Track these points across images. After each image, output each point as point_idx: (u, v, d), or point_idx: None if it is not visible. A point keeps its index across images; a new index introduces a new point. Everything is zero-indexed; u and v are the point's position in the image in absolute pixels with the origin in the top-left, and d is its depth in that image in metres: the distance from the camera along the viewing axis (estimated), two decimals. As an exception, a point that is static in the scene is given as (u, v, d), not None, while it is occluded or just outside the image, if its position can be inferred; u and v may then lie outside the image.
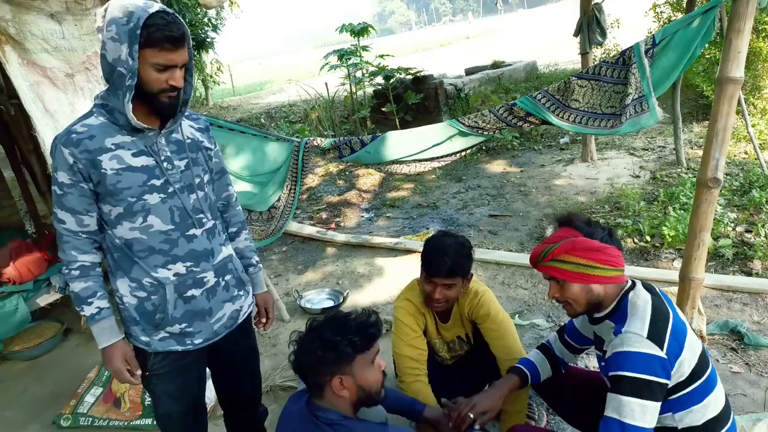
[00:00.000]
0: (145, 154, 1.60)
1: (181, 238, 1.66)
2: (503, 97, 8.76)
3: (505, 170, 6.49)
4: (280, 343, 3.42)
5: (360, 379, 1.55)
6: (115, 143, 1.57)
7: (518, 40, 21.80)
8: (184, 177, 1.68)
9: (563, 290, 1.67)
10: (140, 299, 1.67)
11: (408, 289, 2.35)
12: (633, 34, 6.96)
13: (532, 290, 3.62)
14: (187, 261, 1.67)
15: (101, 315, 1.64)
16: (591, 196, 5.14)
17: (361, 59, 8.75)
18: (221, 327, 1.80)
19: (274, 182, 3.01)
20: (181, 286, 1.67)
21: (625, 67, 2.31)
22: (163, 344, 1.72)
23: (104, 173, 1.55)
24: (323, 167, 7.71)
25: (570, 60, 12.04)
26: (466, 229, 4.93)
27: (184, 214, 1.67)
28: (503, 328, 2.22)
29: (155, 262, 1.64)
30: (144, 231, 1.62)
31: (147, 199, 1.60)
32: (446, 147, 2.70)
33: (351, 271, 4.35)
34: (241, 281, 1.87)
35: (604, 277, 1.62)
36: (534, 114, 2.49)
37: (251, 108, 12.85)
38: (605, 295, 1.66)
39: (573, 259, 1.62)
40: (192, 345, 1.75)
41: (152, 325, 1.69)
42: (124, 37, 1.44)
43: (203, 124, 1.83)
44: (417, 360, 2.18)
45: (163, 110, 1.59)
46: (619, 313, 1.63)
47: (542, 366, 2.03)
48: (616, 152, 6.35)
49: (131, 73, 1.47)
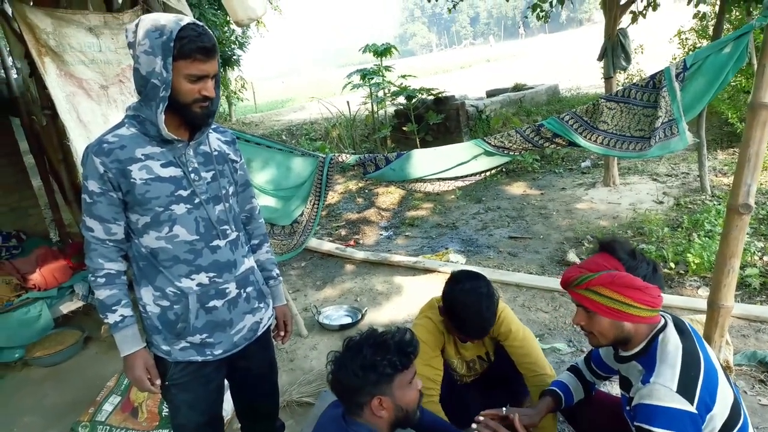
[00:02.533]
0: (173, 165, 1.63)
1: (205, 248, 1.67)
2: (524, 120, 8.77)
3: (525, 192, 6.46)
4: (297, 358, 3.41)
5: (399, 399, 1.54)
6: (145, 154, 1.59)
7: (539, 64, 21.86)
8: (211, 188, 1.69)
9: (591, 321, 1.60)
10: (163, 308, 1.68)
11: (427, 308, 2.33)
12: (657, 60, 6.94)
13: (553, 314, 3.57)
14: (210, 271, 1.68)
15: (125, 323, 1.65)
16: (613, 221, 5.08)
17: (384, 79, 8.84)
18: (241, 339, 1.80)
19: (298, 197, 3.02)
20: (204, 297, 1.68)
21: (655, 91, 2.30)
22: (183, 354, 1.72)
23: (133, 183, 1.57)
24: (343, 184, 7.75)
25: (592, 84, 12.02)
26: (485, 250, 4.90)
27: (209, 224, 1.68)
28: (527, 345, 2.21)
29: (179, 271, 1.65)
30: (169, 240, 1.63)
31: (174, 209, 1.62)
32: (471, 166, 2.69)
33: (369, 288, 4.34)
34: (262, 293, 1.88)
35: (638, 316, 1.53)
36: (561, 135, 2.48)
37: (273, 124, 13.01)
38: (635, 333, 1.58)
39: (609, 293, 1.53)
40: (212, 356, 1.75)
41: (174, 335, 1.69)
42: (158, 50, 1.47)
43: (230, 137, 1.85)
44: (432, 380, 2.16)
45: (195, 120, 1.62)
46: (648, 356, 1.56)
47: (575, 388, 2.00)
48: (639, 177, 6.29)
49: (165, 85, 1.50)
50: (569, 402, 1.99)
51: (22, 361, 3.69)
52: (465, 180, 2.86)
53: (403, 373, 1.55)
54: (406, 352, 1.56)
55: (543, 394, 2.03)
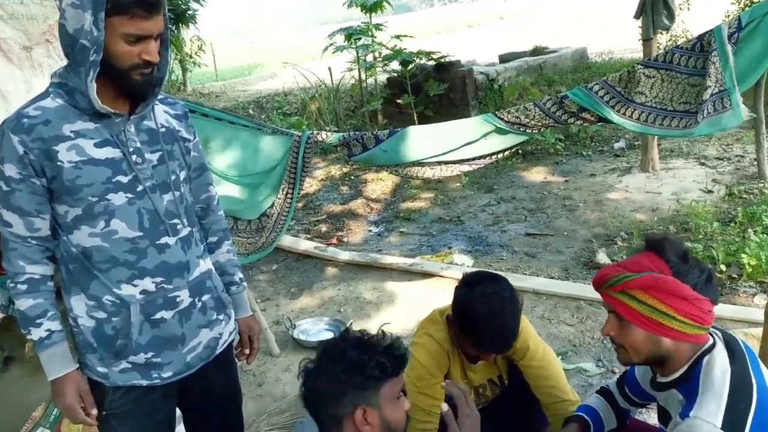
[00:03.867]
0: (110, 145, 1.61)
1: (150, 247, 1.66)
2: (545, 90, 8.79)
3: (546, 179, 6.49)
4: (267, 382, 3.41)
5: (386, 414, 1.54)
6: (74, 131, 1.57)
7: (564, 22, 21.89)
8: (157, 173, 1.68)
9: (623, 332, 1.60)
10: (99, 321, 1.66)
11: (428, 322, 2.34)
12: (706, 19, 6.97)
13: (578, 327, 3.59)
14: (157, 276, 1.67)
15: (52, 339, 1.63)
16: (652, 214, 5.12)
17: (374, 40, 8.82)
18: (195, 358, 1.79)
19: (268, 185, 3.02)
20: (149, 307, 1.66)
21: (703, 55, 2.31)
22: (124, 377, 1.70)
23: (60, 166, 1.54)
24: (324, 169, 7.75)
25: (628, 48, 12.05)
26: (497, 249, 4.92)
27: (155, 218, 1.67)
28: (547, 365, 2.22)
29: (118, 276, 1.63)
30: (106, 238, 1.61)
31: (111, 199, 1.60)
32: (480, 147, 2.70)
33: (356, 296, 4.35)
34: (222, 303, 1.87)
35: (680, 332, 1.52)
36: (589, 109, 2.49)
37: (237, 95, 12.97)
38: (675, 353, 1.57)
39: (649, 300, 1.52)
40: (159, 379, 1.73)
41: (112, 354, 1.68)
42: (87, 3, 1.45)
43: (180, 110, 1.84)
44: (428, 412, 2.16)
45: (134, 90, 1.60)
46: (690, 383, 1.56)
47: (606, 415, 2.02)
48: (684, 161, 6.33)
49: (96, 47, 1.47)
50: (599, 431, 2.01)
51: None
52: (472, 164, 2.86)
53: (392, 381, 1.55)
54: (397, 356, 1.57)
55: (567, 421, 2.04)
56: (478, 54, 12.70)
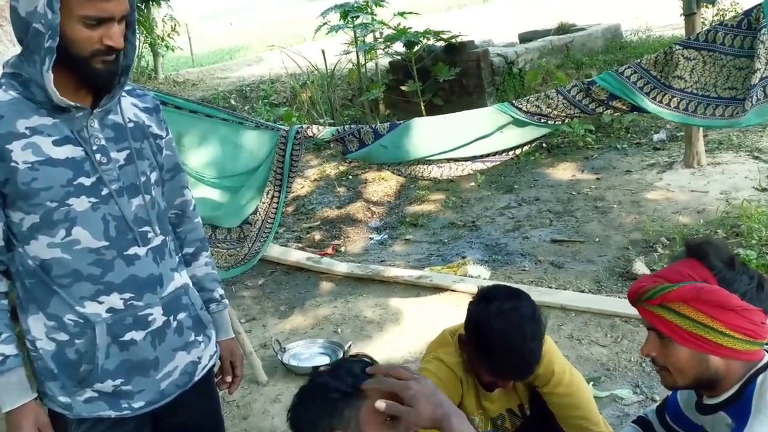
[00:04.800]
0: (71, 143, 1.62)
1: (117, 258, 1.67)
2: (573, 75, 8.80)
3: (574, 177, 6.50)
4: (253, 415, 3.43)
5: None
6: (30, 127, 1.58)
7: (594, -4, 21.92)
8: (124, 175, 1.69)
9: (665, 351, 1.60)
10: (60, 344, 1.66)
11: (438, 345, 2.35)
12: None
13: (613, 348, 3.60)
14: (125, 291, 1.67)
15: (6, 365, 1.63)
16: (697, 216, 5.12)
17: (374, 18, 8.84)
18: (171, 385, 1.80)
19: (250, 187, 3.03)
20: (117, 327, 1.67)
21: (751, 33, 2.31)
22: (89, 408, 1.71)
23: (14, 168, 1.55)
24: (317, 168, 7.77)
25: (668, 24, 12.05)
26: (518, 259, 4.93)
27: (122, 225, 1.67)
28: (575, 392, 2.23)
29: (82, 292, 1.64)
30: (67, 248, 1.62)
31: (72, 204, 1.61)
32: (495, 141, 2.71)
33: (355, 315, 4.36)
34: (200, 322, 1.88)
35: (730, 349, 1.52)
36: (621, 96, 2.49)
37: (217, 84, 12.99)
38: (726, 373, 1.57)
39: (692, 313, 1.52)
40: (130, 410, 1.74)
41: (75, 381, 1.68)
42: None
43: (151, 103, 1.86)
44: None
45: (97, 80, 1.61)
46: (741, 404, 1.56)
47: None
48: (734, 155, 6.33)
49: (51, 31, 1.48)
50: None
51: None
52: (487, 161, 2.87)
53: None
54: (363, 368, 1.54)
55: None
56: (495, 33, 12.71)
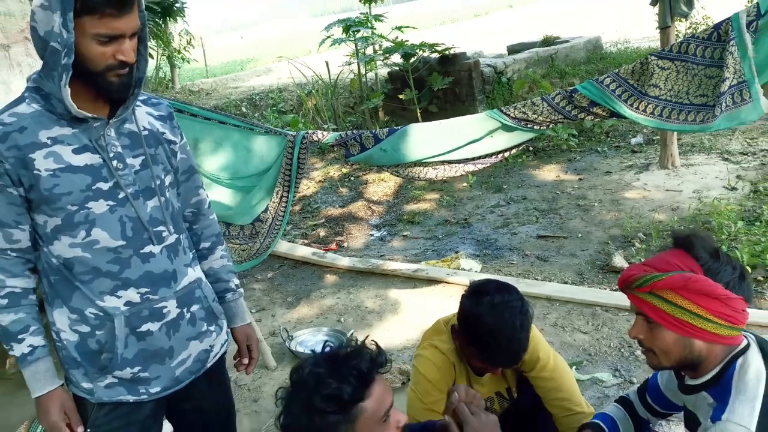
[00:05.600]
0: (89, 151, 1.62)
1: (134, 256, 1.67)
2: (557, 83, 8.80)
3: (558, 178, 6.50)
4: (263, 397, 3.43)
5: None
6: (51, 137, 1.58)
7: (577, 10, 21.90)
8: (140, 179, 1.69)
9: (652, 335, 1.61)
10: (82, 335, 1.67)
11: (433, 333, 2.35)
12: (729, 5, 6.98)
13: (594, 335, 3.60)
14: (141, 286, 1.68)
15: (35, 355, 1.64)
16: (672, 214, 5.12)
17: (373, 31, 8.84)
18: (185, 372, 1.80)
19: (261, 187, 3.04)
20: (134, 319, 1.68)
21: (720, 45, 2.32)
22: (110, 393, 1.72)
23: (38, 175, 1.56)
24: (322, 170, 7.77)
25: (645, 36, 12.07)
26: (507, 253, 4.93)
27: (138, 226, 1.68)
28: (558, 376, 2.23)
29: (101, 287, 1.65)
30: (87, 248, 1.63)
31: (91, 207, 1.61)
32: (485, 145, 2.71)
33: (356, 305, 4.36)
34: (212, 313, 1.88)
35: (713, 334, 1.53)
36: (600, 103, 2.50)
37: (229, 93, 12.99)
38: (708, 355, 1.58)
39: (679, 300, 1.53)
40: (147, 395, 1.75)
41: (97, 368, 1.69)
42: (56, 3, 1.45)
43: (165, 111, 1.85)
44: None
45: (112, 93, 1.60)
46: (721, 385, 1.57)
47: (624, 424, 2.03)
48: (706, 156, 6.34)
49: (67, 49, 1.48)
50: None
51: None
52: (478, 163, 2.88)
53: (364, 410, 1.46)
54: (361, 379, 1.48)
55: (582, 428, 2.06)
56: (486, 45, 12.71)
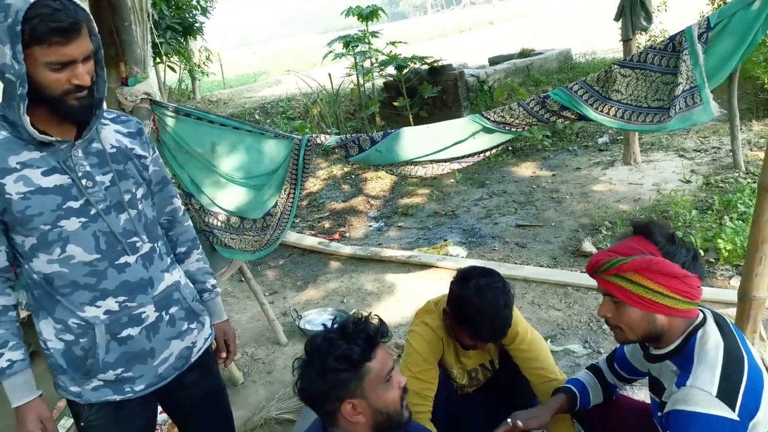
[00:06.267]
0: (57, 172, 1.54)
1: (109, 268, 1.60)
2: (533, 90, 8.78)
3: (534, 174, 6.50)
4: (275, 370, 3.44)
5: (375, 401, 1.53)
6: (20, 162, 1.50)
7: (550, 25, 21.84)
8: (110, 194, 1.62)
9: (619, 313, 1.60)
10: (67, 343, 1.62)
11: (424, 312, 2.35)
12: (684, 19, 6.96)
13: (566, 311, 3.61)
14: (119, 295, 1.62)
15: (13, 369, 1.57)
16: (634, 204, 5.13)
17: (370, 46, 8.82)
18: (168, 369, 1.74)
19: (271, 185, 3.02)
20: (114, 326, 1.62)
21: (675, 54, 2.31)
22: (96, 394, 1.66)
23: (9, 199, 1.49)
24: (326, 169, 7.76)
25: (610, 48, 12.02)
26: (489, 240, 4.93)
27: (111, 239, 1.61)
28: (535, 348, 2.24)
29: (81, 299, 1.59)
30: (64, 263, 1.56)
31: (64, 225, 1.54)
32: (469, 146, 2.69)
33: (357, 288, 4.37)
34: (192, 312, 1.82)
35: (673, 309, 1.54)
36: (570, 107, 2.48)
37: (244, 102, 12.97)
38: (669, 328, 1.58)
39: (643, 280, 1.53)
40: (132, 392, 1.69)
41: (82, 373, 1.64)
42: (5, 37, 1.37)
43: (134, 127, 1.76)
44: (422, 395, 2.18)
45: (74, 115, 1.53)
46: (684, 355, 1.57)
47: (593, 389, 2.03)
48: (664, 154, 6.34)
49: (20, 80, 1.41)
50: (585, 404, 2.02)
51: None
52: (462, 161, 2.86)
53: (370, 369, 1.52)
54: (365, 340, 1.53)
55: (556, 392, 2.06)
56: (469, 57, 12.67)
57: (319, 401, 1.57)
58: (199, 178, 3.00)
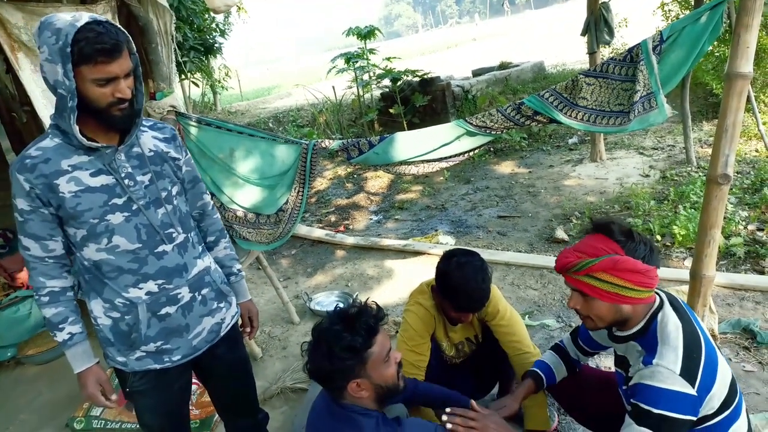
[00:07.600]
0: (103, 173, 1.57)
1: (150, 255, 1.63)
2: (511, 98, 8.76)
3: (513, 171, 6.48)
4: (290, 345, 3.44)
5: (376, 379, 1.54)
6: (71, 165, 1.53)
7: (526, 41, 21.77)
8: (149, 192, 1.64)
9: (588, 306, 1.58)
10: (114, 320, 1.65)
11: (418, 293, 2.35)
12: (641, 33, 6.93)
13: (542, 291, 3.61)
14: (158, 279, 1.65)
15: (73, 341, 1.62)
16: (600, 196, 5.12)
17: (368, 62, 8.78)
18: (201, 342, 1.77)
19: (283, 184, 3.02)
20: (154, 305, 1.65)
21: (632, 64, 2.31)
22: (140, 363, 1.70)
23: (63, 197, 1.52)
24: (332, 170, 7.74)
25: (578, 60, 12.00)
26: (474, 230, 4.93)
27: (151, 230, 1.63)
28: (512, 324, 2.24)
29: (125, 281, 1.62)
30: (110, 251, 1.59)
31: (109, 219, 1.57)
32: (454, 147, 2.69)
33: (360, 273, 4.36)
34: (221, 293, 1.84)
35: (637, 298, 1.52)
36: (542, 112, 2.49)
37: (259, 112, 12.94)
38: (633, 314, 1.57)
39: (610, 278, 1.51)
40: (170, 362, 1.72)
41: (127, 346, 1.67)
42: (57, 57, 1.40)
43: (169, 134, 1.78)
44: (416, 366, 2.19)
45: (116, 125, 1.56)
46: (648, 336, 1.55)
47: (557, 368, 2.03)
48: (626, 152, 6.32)
49: (71, 94, 1.44)
50: (551, 382, 2.02)
51: (15, 359, 3.70)
52: (449, 161, 2.86)
53: (371, 354, 1.53)
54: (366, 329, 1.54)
55: (524, 377, 2.06)
56: (455, 70, 12.64)
57: (327, 381, 1.57)
58: (220, 179, 2.99)
